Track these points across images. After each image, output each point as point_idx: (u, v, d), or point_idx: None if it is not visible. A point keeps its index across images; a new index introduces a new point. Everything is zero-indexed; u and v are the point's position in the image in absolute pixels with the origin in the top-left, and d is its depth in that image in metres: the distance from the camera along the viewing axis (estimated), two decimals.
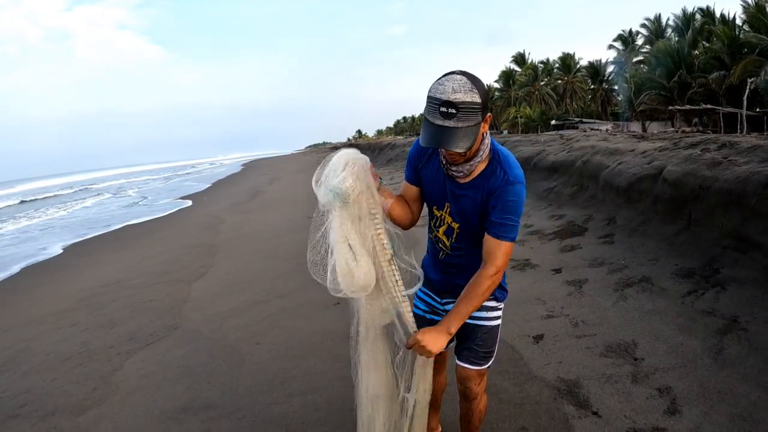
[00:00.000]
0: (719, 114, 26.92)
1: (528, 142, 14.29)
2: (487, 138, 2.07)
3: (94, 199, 31.77)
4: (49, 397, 4.19)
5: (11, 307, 7.22)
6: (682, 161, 6.09)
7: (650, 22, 45.86)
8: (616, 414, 3.01)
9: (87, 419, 3.75)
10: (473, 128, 1.89)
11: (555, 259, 6.21)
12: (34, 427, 3.72)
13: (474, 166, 2.07)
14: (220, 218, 13.78)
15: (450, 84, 1.85)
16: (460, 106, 1.83)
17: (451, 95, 1.83)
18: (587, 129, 34.52)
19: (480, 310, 2.27)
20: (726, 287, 4.36)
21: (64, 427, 3.69)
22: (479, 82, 1.89)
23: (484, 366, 2.32)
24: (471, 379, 2.32)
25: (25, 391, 4.34)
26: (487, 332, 2.32)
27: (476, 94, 1.85)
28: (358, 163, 2.01)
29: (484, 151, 2.06)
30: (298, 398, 3.62)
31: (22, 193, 49.60)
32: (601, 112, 53.47)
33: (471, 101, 1.84)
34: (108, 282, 7.83)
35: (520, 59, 65.01)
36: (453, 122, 1.85)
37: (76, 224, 17.93)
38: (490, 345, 2.32)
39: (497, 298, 2.33)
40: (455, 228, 2.23)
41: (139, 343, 5.10)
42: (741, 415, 2.84)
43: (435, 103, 1.87)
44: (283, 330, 4.93)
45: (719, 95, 29.81)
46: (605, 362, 3.62)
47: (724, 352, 3.49)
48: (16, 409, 4.04)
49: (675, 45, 35.06)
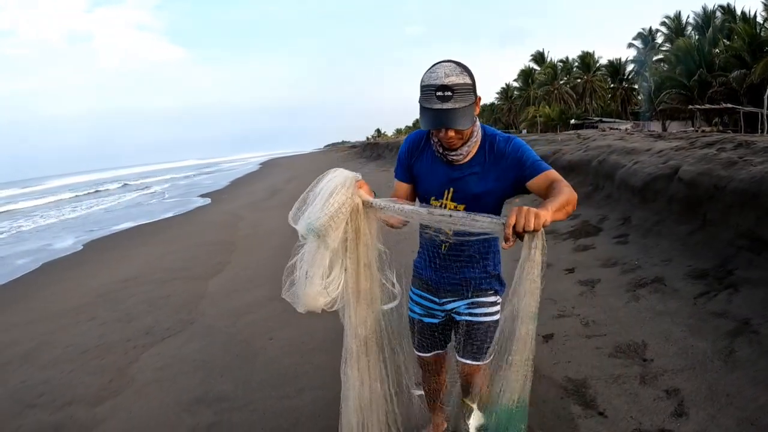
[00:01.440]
0: (740, 113, 26.55)
1: (545, 141, 14.21)
2: (477, 121, 2.13)
3: (135, 194, 33.25)
4: (67, 387, 4.31)
5: (34, 301, 7.41)
6: (698, 161, 6.03)
7: (670, 19, 45.38)
8: (622, 415, 3.00)
9: (103, 409, 3.86)
10: (470, 107, 1.97)
11: (568, 258, 6.19)
12: (52, 416, 3.84)
13: (471, 146, 2.14)
14: (239, 216, 13.90)
15: (442, 70, 1.93)
16: (455, 88, 1.91)
17: (445, 79, 1.91)
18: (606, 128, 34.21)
19: (481, 306, 2.32)
20: (739, 289, 4.30)
21: (80, 416, 3.80)
22: (467, 67, 1.98)
23: (486, 360, 2.30)
24: (475, 375, 2.33)
25: (43, 381, 4.49)
26: (487, 328, 2.34)
27: (467, 76, 1.95)
28: (340, 193, 1.96)
29: (478, 131, 2.15)
30: (309, 393, 3.68)
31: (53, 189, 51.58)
32: (621, 112, 52.99)
33: (464, 82, 1.93)
34: (127, 278, 8.00)
35: (540, 58, 64.63)
36: (451, 104, 1.92)
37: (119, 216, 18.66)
38: (489, 340, 2.31)
39: (497, 291, 2.35)
40: (461, 209, 2.18)
41: (155, 337, 5.25)
42: (749, 419, 2.80)
43: (430, 89, 1.94)
44: (296, 326, 4.98)
45: (740, 94, 29.39)
46: (614, 363, 3.61)
47: (734, 355, 3.44)
48: (35, 398, 4.18)
49: (695, 43, 34.70)
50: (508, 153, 2.12)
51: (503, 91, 72.93)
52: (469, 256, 2.28)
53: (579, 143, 11.46)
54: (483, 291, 2.34)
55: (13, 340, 5.72)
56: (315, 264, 2.03)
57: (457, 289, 2.32)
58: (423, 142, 2.29)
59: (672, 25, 45.20)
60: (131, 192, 35.89)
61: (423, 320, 2.48)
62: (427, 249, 2.39)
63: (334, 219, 1.93)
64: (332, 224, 1.93)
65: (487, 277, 2.33)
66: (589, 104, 56.58)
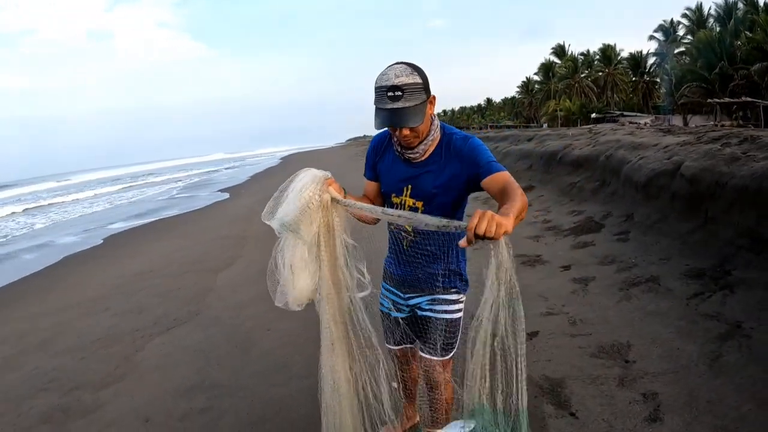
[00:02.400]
0: (760, 107, 26.07)
1: (556, 136, 14.04)
2: (435, 120, 2.22)
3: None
4: (76, 373, 4.59)
5: (53, 292, 7.72)
6: (701, 156, 5.88)
7: (692, 11, 44.76)
8: (594, 417, 2.95)
9: (107, 394, 4.12)
10: (420, 106, 2.04)
11: (566, 255, 6.11)
12: (60, 400, 4.10)
13: (428, 144, 2.20)
14: (254, 210, 13.94)
15: (392, 72, 2.02)
16: (404, 87, 1.99)
17: (394, 80, 1.99)
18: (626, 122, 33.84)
19: (441, 303, 2.37)
20: (735, 290, 4.19)
21: (86, 399, 4.06)
22: (418, 68, 2.07)
23: (446, 357, 2.40)
24: (433, 369, 2.40)
25: (55, 367, 4.77)
26: (447, 325, 2.37)
27: (417, 76, 2.03)
28: (309, 189, 2.07)
29: (435, 130, 2.20)
30: (296, 382, 3.82)
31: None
32: (642, 105, 52.38)
33: (413, 82, 2.01)
34: (142, 271, 8.26)
35: (560, 51, 64.05)
36: (401, 103, 2.00)
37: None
38: (451, 337, 2.38)
39: (458, 289, 2.39)
40: (419, 207, 2.27)
41: (161, 328, 5.48)
42: (725, 429, 2.71)
43: (382, 90, 2.02)
44: (294, 318, 5.00)
45: (762, 87, 28.90)
46: (595, 363, 3.54)
47: (721, 360, 3.35)
48: (46, 383, 4.46)
49: (716, 35, 34.14)
50: (464, 152, 2.16)
51: (524, 85, 72.54)
52: (430, 253, 2.30)
53: (589, 138, 11.31)
54: (444, 288, 2.35)
55: (33, 328, 6.03)
56: (296, 258, 2.13)
57: (419, 285, 2.37)
58: (386, 142, 2.38)
59: (693, 17, 44.56)
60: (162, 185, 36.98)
61: (390, 314, 2.53)
62: (392, 245, 2.45)
63: (304, 214, 2.04)
64: (303, 219, 2.04)
65: (449, 274, 2.36)
66: (610, 98, 56.05)
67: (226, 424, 3.41)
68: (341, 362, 2.30)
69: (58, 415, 3.89)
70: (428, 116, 2.12)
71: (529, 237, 7.27)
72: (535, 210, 9.17)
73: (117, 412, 3.79)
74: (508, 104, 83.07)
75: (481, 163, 2.10)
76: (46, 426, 3.76)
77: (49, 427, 3.74)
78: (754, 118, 29.15)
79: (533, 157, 13.09)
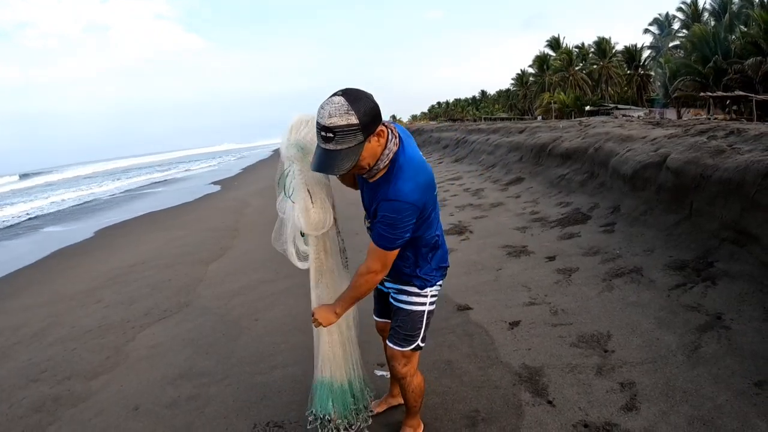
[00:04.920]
0: (753, 101, 26.12)
1: (547, 128, 14.06)
2: (389, 148, 2.13)
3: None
4: (68, 363, 4.70)
5: (47, 284, 7.84)
6: (687, 149, 5.89)
7: (687, 5, 44.77)
8: (570, 405, 2.96)
9: (98, 383, 4.22)
10: (354, 149, 1.98)
11: (552, 246, 6.13)
12: (52, 390, 4.20)
13: (374, 172, 2.19)
14: (246, 202, 14.38)
15: (328, 108, 1.93)
16: (336, 130, 1.92)
17: (327, 120, 1.92)
18: (620, 115, 33.85)
19: (403, 294, 2.49)
20: (717, 282, 4.21)
21: (77, 389, 4.16)
22: (360, 102, 1.95)
23: (405, 348, 2.48)
24: (394, 359, 2.52)
25: (48, 358, 4.88)
26: (406, 316, 2.47)
27: (353, 116, 1.92)
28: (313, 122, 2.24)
29: (383, 161, 2.14)
30: (280, 370, 3.91)
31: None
32: (637, 98, 52.38)
33: (346, 124, 1.92)
34: (135, 262, 8.37)
35: (555, 44, 63.87)
36: (332, 145, 1.96)
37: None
38: (410, 329, 2.46)
39: (417, 285, 2.45)
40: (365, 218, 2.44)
41: (152, 318, 5.61)
42: (702, 419, 2.72)
43: (317, 128, 1.98)
44: (282, 307, 5.22)
45: (755, 82, 28.94)
46: (574, 352, 3.56)
47: (699, 351, 3.36)
48: (38, 374, 4.57)
49: (711, 29, 34.14)
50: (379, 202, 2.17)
51: (518, 78, 72.37)
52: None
53: (579, 130, 11.32)
54: (405, 281, 2.48)
55: (27, 320, 6.18)
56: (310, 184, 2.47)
57: (391, 272, 2.37)
58: None
59: (689, 11, 44.58)
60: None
61: (378, 286, 2.60)
62: None
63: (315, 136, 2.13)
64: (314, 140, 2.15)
65: (407, 274, 2.45)
66: (605, 91, 56.00)
67: (212, 411, 3.47)
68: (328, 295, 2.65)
69: (49, 404, 3.97)
70: (371, 149, 2.05)
71: (516, 228, 7.29)
72: (524, 201, 9.22)
73: (107, 401, 3.87)
74: (503, 96, 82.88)
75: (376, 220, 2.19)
76: (37, 415, 3.83)
77: (40, 416, 3.81)
78: (747, 112, 29.23)
79: (523, 149, 13.09)
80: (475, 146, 18.35)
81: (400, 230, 2.13)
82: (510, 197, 9.91)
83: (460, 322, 4.33)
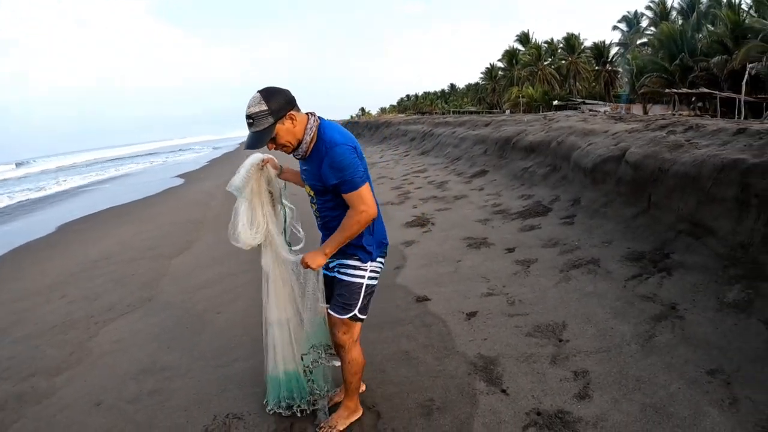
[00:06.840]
0: (717, 98, 26.59)
1: (512, 122, 14.14)
2: (310, 125, 2.59)
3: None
4: (32, 360, 4.64)
5: (9, 282, 7.62)
6: (646, 143, 5.99)
7: (655, 4, 45.33)
8: (524, 393, 3.00)
9: (61, 379, 4.19)
10: (267, 129, 2.50)
11: (512, 238, 6.17)
12: (15, 387, 4.14)
13: (303, 148, 2.62)
14: (212, 195, 14.21)
15: (248, 102, 2.50)
16: (252, 116, 2.48)
17: (247, 110, 2.49)
18: (586, 110, 34.19)
19: (345, 267, 2.76)
20: (672, 273, 4.28)
21: (41, 386, 4.12)
22: (271, 95, 2.49)
23: (344, 316, 2.73)
24: (335, 326, 2.78)
25: (11, 356, 4.80)
26: (346, 286, 2.74)
27: (264, 104, 2.46)
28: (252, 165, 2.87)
29: (308, 135, 2.59)
30: (241, 362, 3.93)
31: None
32: (605, 94, 52.98)
33: (260, 110, 2.47)
34: (99, 257, 8.23)
35: (524, 38, 64.16)
36: (253, 128, 2.51)
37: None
38: (348, 298, 2.73)
39: (360, 258, 2.73)
40: (312, 194, 2.76)
41: (116, 313, 5.54)
42: (654, 406, 2.77)
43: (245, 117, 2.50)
44: (246, 300, 5.20)
45: (720, 80, 29.44)
46: (529, 342, 3.60)
47: (653, 340, 3.42)
48: (1, 372, 4.48)
49: (679, 28, 34.63)
50: (324, 162, 2.54)
51: (488, 71, 72.52)
52: (328, 221, 2.75)
53: (543, 124, 11.40)
54: (347, 255, 2.74)
55: None
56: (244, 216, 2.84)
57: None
58: None
59: (657, 9, 45.13)
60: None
61: (322, 271, 2.84)
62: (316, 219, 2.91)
63: (245, 181, 2.84)
64: (244, 184, 2.83)
65: (350, 245, 2.69)
66: (573, 86, 56.50)
67: (173, 405, 3.48)
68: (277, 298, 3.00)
69: (12, 402, 3.92)
70: (287, 129, 2.52)
71: (478, 220, 7.34)
72: (487, 194, 9.28)
73: (71, 397, 3.84)
74: (471, 90, 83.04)
75: (335, 180, 2.52)
76: (0, 414, 3.78)
77: (3, 414, 3.76)
78: (712, 109, 29.77)
79: (488, 142, 13.17)
80: (441, 139, 18.41)
81: (353, 167, 2.50)
82: (474, 190, 9.97)
83: (419, 313, 4.34)
